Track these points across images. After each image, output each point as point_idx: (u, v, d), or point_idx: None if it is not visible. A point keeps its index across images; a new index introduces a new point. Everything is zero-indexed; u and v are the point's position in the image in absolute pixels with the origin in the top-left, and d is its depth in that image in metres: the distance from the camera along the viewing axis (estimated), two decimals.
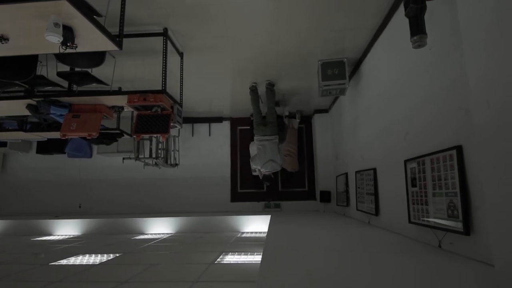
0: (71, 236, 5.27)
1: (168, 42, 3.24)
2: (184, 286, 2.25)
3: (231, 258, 3.10)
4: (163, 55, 3.21)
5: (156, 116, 3.44)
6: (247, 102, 5.13)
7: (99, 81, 3.57)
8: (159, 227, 5.34)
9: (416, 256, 1.94)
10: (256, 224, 5.23)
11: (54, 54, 2.91)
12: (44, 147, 6.13)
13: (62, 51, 2.18)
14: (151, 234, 5.22)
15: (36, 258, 3.40)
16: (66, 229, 5.46)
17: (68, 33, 2.06)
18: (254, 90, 4.83)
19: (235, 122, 6.82)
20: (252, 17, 3.07)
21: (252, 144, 5.42)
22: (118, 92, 3.99)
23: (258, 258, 2.85)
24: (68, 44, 2.12)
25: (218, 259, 3.06)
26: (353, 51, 3.76)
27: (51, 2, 1.80)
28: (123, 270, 2.80)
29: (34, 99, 3.31)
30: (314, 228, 3.50)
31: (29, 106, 3.43)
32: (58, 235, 5.34)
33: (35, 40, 2.15)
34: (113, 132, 4.95)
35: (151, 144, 5.72)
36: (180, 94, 3.97)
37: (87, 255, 3.44)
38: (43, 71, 3.64)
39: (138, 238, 4.80)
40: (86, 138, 4.97)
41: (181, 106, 3.85)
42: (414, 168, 2.31)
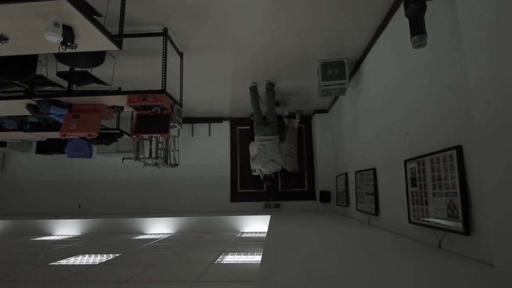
0: (71, 236, 5.26)
1: (168, 42, 3.24)
2: (184, 286, 2.25)
3: (231, 258, 3.10)
4: (163, 55, 3.21)
5: (156, 116, 3.44)
6: (247, 102, 5.13)
7: (99, 81, 3.58)
8: (159, 227, 5.34)
9: (416, 256, 1.94)
10: (256, 224, 5.23)
11: (54, 54, 2.91)
12: (44, 147, 6.13)
13: (62, 51, 2.18)
14: (151, 234, 5.22)
15: (36, 258, 3.40)
16: (66, 229, 5.46)
17: (68, 32, 2.06)
18: (254, 90, 4.83)
19: (235, 122, 6.82)
20: (252, 17, 3.07)
21: (252, 144, 5.42)
22: (118, 92, 3.99)
23: (258, 258, 2.85)
24: (68, 44, 2.12)
25: (218, 259, 3.05)
26: (353, 51, 3.76)
27: (51, 2, 1.80)
28: (123, 270, 2.80)
29: (34, 99, 3.32)
30: (314, 228, 3.50)
31: (28, 106, 3.43)
32: (58, 235, 5.34)
33: (35, 40, 2.15)
34: (112, 132, 4.95)
35: (151, 144, 5.72)
36: (180, 94, 3.97)
37: (87, 255, 3.44)
38: (42, 71, 3.63)
39: (138, 238, 4.80)
40: (86, 138, 4.97)
41: (181, 106, 3.85)
42: (414, 168, 2.31)
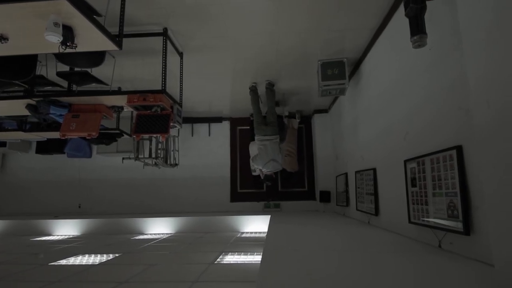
0: (71, 236, 5.26)
1: (168, 42, 3.24)
2: (184, 286, 2.25)
3: (231, 258, 3.10)
4: (163, 55, 3.21)
5: (155, 116, 3.44)
6: (246, 102, 5.13)
7: (99, 81, 3.57)
8: (159, 227, 5.34)
9: (416, 256, 1.94)
10: (256, 224, 5.23)
11: (53, 54, 2.91)
12: (44, 147, 6.12)
13: (61, 50, 2.18)
14: (151, 234, 5.21)
15: (36, 258, 3.40)
16: (66, 229, 5.45)
17: (68, 32, 2.06)
18: (254, 90, 4.83)
19: (234, 122, 6.82)
20: (252, 17, 3.07)
21: (252, 144, 5.42)
22: (118, 92, 3.99)
23: (258, 258, 2.85)
24: (67, 44, 2.12)
25: (218, 259, 3.05)
26: (353, 51, 3.76)
27: (51, 1, 1.80)
28: (122, 270, 2.80)
29: (34, 99, 3.31)
30: (314, 228, 3.50)
31: (28, 106, 3.43)
32: (58, 235, 5.33)
33: (35, 39, 2.15)
34: (112, 132, 4.95)
35: (150, 144, 5.72)
36: (180, 94, 3.97)
37: (87, 255, 3.43)
38: (42, 71, 3.63)
39: (137, 238, 4.79)
40: (86, 138, 4.97)
41: (180, 106, 3.85)
42: (414, 168, 2.31)
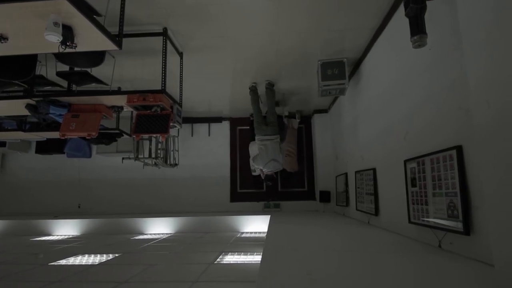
0: (71, 236, 5.26)
1: (167, 42, 3.24)
2: (184, 286, 2.25)
3: (230, 258, 3.10)
4: (163, 55, 3.21)
5: (155, 116, 3.44)
6: (246, 102, 5.13)
7: (99, 81, 3.57)
8: (159, 227, 5.34)
9: (416, 256, 1.94)
10: (255, 224, 5.23)
11: (53, 54, 2.90)
12: (43, 147, 6.12)
13: (61, 50, 2.18)
14: (150, 234, 5.21)
15: (36, 258, 3.39)
16: (66, 229, 5.45)
17: (68, 32, 2.06)
18: (254, 90, 4.83)
19: (234, 122, 6.81)
20: (252, 17, 3.07)
21: (252, 144, 5.41)
22: (118, 92, 3.99)
23: (258, 258, 2.85)
24: (67, 44, 2.12)
25: (218, 259, 3.05)
26: (353, 51, 3.76)
27: (51, 1, 1.80)
28: (122, 270, 2.80)
29: (34, 98, 3.31)
30: (314, 228, 3.50)
31: (28, 106, 3.43)
32: (58, 235, 5.33)
33: (35, 39, 2.15)
34: (112, 132, 4.95)
35: (150, 144, 5.72)
36: (179, 94, 3.97)
37: (87, 255, 3.43)
38: (42, 71, 3.63)
39: (137, 238, 4.79)
40: (86, 138, 4.97)
41: (180, 106, 3.85)
42: (414, 168, 2.31)
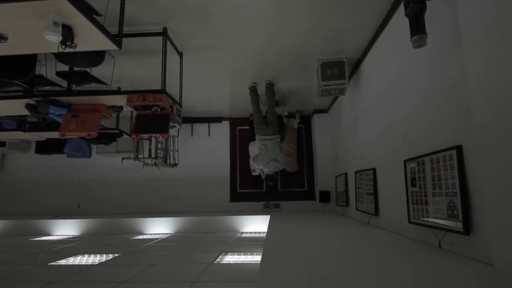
0: (70, 236, 5.26)
1: (167, 42, 3.24)
2: (184, 286, 2.24)
3: (230, 258, 3.10)
4: (163, 55, 3.20)
5: (155, 116, 3.43)
6: (246, 102, 5.13)
7: (98, 80, 3.57)
8: (159, 227, 5.34)
9: (416, 256, 1.94)
10: (255, 224, 5.23)
11: (53, 54, 2.90)
12: (43, 147, 6.11)
13: (61, 50, 2.18)
14: (150, 234, 5.21)
15: (35, 258, 3.39)
16: (65, 229, 5.45)
17: (68, 32, 2.05)
18: (253, 90, 4.83)
19: (234, 122, 6.81)
20: (252, 17, 3.07)
21: (252, 144, 5.41)
22: (118, 91, 3.98)
23: (258, 258, 2.84)
24: (67, 43, 2.12)
25: (218, 259, 3.05)
26: (352, 51, 3.76)
27: (51, 1, 1.79)
28: (122, 270, 2.80)
29: (33, 98, 3.30)
30: (313, 228, 3.50)
31: (28, 106, 3.42)
32: (57, 235, 5.33)
33: (35, 39, 2.14)
34: (112, 132, 4.95)
35: (150, 144, 5.71)
36: (179, 94, 3.96)
37: (86, 255, 3.43)
38: (42, 71, 3.62)
39: (137, 238, 4.79)
40: (85, 138, 4.96)
41: (180, 106, 3.85)
42: (414, 168, 2.31)
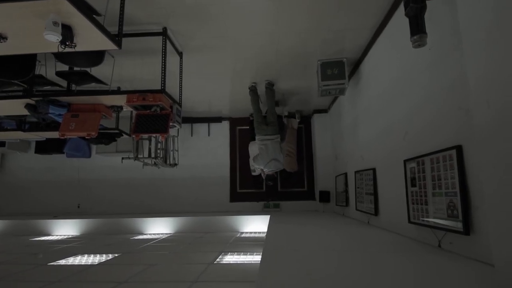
0: (70, 236, 5.25)
1: (167, 41, 3.24)
2: (184, 286, 2.24)
3: (230, 258, 3.10)
4: (163, 54, 3.20)
5: (155, 116, 3.43)
6: (246, 102, 5.13)
7: (98, 80, 3.57)
8: (159, 227, 5.33)
9: (416, 256, 1.94)
10: (255, 224, 5.23)
11: (53, 54, 2.89)
12: (43, 147, 6.11)
13: (61, 50, 2.17)
14: (150, 234, 5.21)
15: (35, 258, 3.39)
16: (65, 229, 5.45)
17: (67, 32, 2.05)
18: (253, 90, 4.83)
19: (234, 122, 6.81)
20: (252, 17, 3.07)
21: (252, 144, 5.41)
22: (117, 91, 3.98)
23: (258, 258, 2.84)
24: (67, 43, 2.12)
25: (218, 259, 3.05)
26: (352, 51, 3.76)
27: (50, 1, 1.79)
28: (122, 270, 2.80)
29: (33, 98, 3.30)
30: (313, 228, 3.50)
31: (27, 106, 3.42)
32: (57, 235, 5.32)
33: (34, 39, 2.14)
34: (112, 132, 4.94)
35: (150, 144, 5.71)
36: (179, 94, 3.96)
37: (86, 255, 3.43)
38: (42, 71, 3.62)
39: (137, 238, 4.79)
40: (85, 138, 4.96)
41: (180, 106, 3.85)
42: (414, 168, 2.31)
